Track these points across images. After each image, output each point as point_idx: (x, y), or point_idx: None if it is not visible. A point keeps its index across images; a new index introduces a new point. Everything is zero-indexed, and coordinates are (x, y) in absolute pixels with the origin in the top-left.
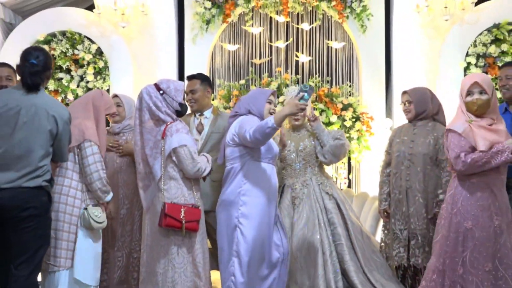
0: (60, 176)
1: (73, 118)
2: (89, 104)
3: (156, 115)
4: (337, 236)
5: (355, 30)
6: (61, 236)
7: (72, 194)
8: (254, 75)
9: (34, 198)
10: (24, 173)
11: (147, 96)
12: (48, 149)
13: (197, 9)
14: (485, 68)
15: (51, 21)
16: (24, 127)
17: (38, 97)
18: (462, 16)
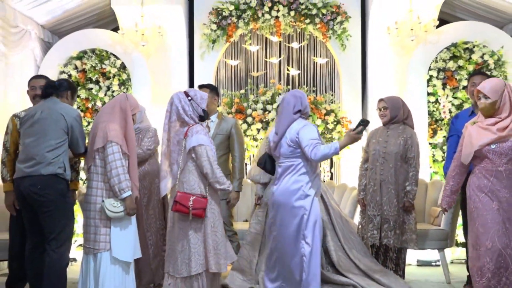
0: (93, 173)
1: (100, 122)
2: (116, 107)
3: (182, 118)
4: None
5: (336, 48)
6: (98, 224)
7: (101, 187)
8: (252, 86)
9: (50, 185)
10: (37, 162)
11: (177, 100)
12: (59, 142)
13: (204, 30)
14: (445, 80)
15: (83, 41)
16: (37, 124)
17: (52, 102)
18: (426, 37)
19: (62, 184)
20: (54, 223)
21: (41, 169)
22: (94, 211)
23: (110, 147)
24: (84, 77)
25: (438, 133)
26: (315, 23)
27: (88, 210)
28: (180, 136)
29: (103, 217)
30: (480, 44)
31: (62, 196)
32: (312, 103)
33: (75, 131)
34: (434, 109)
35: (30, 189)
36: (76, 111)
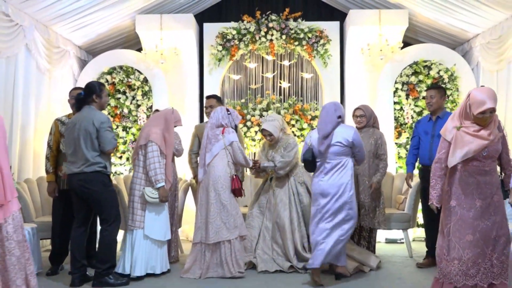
0: (136, 165)
1: (147, 126)
2: (162, 117)
3: (219, 122)
4: (305, 212)
5: (320, 65)
6: (137, 206)
7: (140, 177)
8: (251, 96)
9: (94, 179)
10: (82, 163)
11: (220, 110)
12: (93, 145)
13: (212, 51)
14: (408, 91)
15: (112, 59)
16: (77, 132)
17: (85, 111)
18: (392, 56)
19: (103, 177)
20: (102, 208)
21: (85, 168)
22: (135, 196)
23: (151, 146)
24: (114, 88)
25: (402, 134)
26: (302, 45)
27: (132, 195)
28: (217, 132)
29: (141, 201)
30: (437, 62)
31: (105, 186)
32: (300, 110)
33: (101, 133)
34: (399, 115)
35: (79, 183)
36: (103, 117)
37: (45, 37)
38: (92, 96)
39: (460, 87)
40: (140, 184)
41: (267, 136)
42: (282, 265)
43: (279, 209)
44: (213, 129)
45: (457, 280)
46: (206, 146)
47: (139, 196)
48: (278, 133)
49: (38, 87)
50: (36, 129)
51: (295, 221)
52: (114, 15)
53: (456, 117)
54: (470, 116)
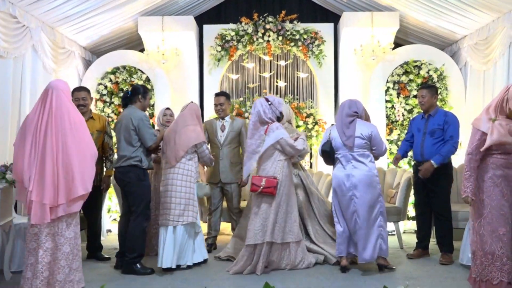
0: (184, 163)
1: (186, 124)
2: (193, 114)
3: (262, 118)
4: (299, 202)
5: (315, 65)
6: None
7: (190, 174)
8: (249, 95)
9: (130, 173)
10: (121, 157)
11: (259, 104)
12: (132, 141)
13: (211, 51)
14: (399, 90)
15: (116, 59)
16: (120, 129)
17: (128, 110)
18: (384, 56)
19: (139, 171)
20: (134, 200)
21: (122, 162)
22: (183, 192)
23: (203, 145)
24: (117, 87)
25: (393, 131)
26: (298, 45)
27: (178, 191)
28: (261, 132)
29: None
30: (426, 62)
31: (139, 180)
32: (296, 108)
33: (141, 130)
34: (391, 113)
35: (118, 176)
36: (141, 114)
37: (51, 38)
38: (138, 96)
39: (449, 86)
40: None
41: None
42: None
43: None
44: (257, 127)
45: (492, 276)
46: (249, 147)
47: (187, 191)
48: (286, 120)
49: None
50: None
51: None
52: (117, 17)
53: (491, 110)
54: (506, 110)
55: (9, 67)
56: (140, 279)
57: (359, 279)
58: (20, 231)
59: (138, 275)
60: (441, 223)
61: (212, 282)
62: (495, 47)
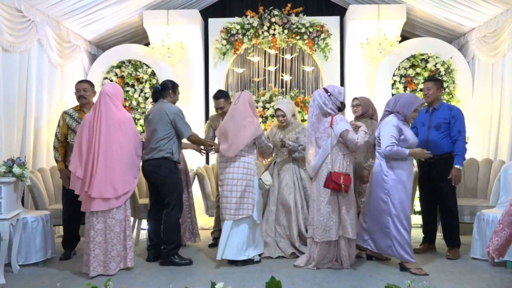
0: (242, 156)
1: (246, 116)
2: (246, 104)
3: (324, 110)
4: (307, 196)
5: (320, 59)
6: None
7: (250, 167)
8: (254, 88)
9: (161, 165)
10: (153, 149)
11: (319, 96)
12: (166, 134)
13: (217, 45)
14: (406, 84)
15: (121, 53)
16: (151, 122)
17: (160, 104)
18: (391, 50)
19: (170, 164)
20: (167, 192)
21: (154, 154)
22: (242, 186)
23: (260, 137)
24: (123, 82)
25: None
26: (304, 39)
27: (238, 184)
28: (326, 125)
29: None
30: (434, 56)
31: (171, 172)
32: (302, 102)
33: (177, 123)
34: None
35: (149, 168)
36: (176, 108)
37: (57, 32)
38: (168, 91)
39: (456, 80)
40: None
41: (279, 117)
42: (284, 250)
43: (284, 192)
44: (320, 120)
45: None
46: (316, 140)
47: (247, 185)
48: (290, 116)
49: (50, 81)
50: (48, 120)
51: (299, 203)
52: (122, 11)
53: None
54: None
55: (15, 61)
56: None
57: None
58: (27, 224)
59: (177, 265)
60: (448, 218)
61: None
62: (504, 39)
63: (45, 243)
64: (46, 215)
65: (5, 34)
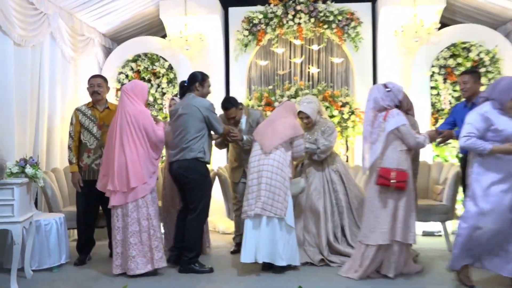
0: (278, 153)
1: (283, 116)
2: (290, 110)
3: (379, 105)
4: (338, 201)
5: (351, 49)
6: (278, 192)
7: (282, 166)
8: (279, 82)
9: (192, 167)
10: (182, 148)
11: (376, 90)
12: (198, 132)
13: (238, 36)
14: (445, 75)
15: (137, 46)
16: (180, 119)
17: (188, 98)
18: (428, 38)
19: (202, 166)
20: (194, 197)
21: (185, 154)
22: (278, 182)
23: (299, 139)
24: (139, 76)
25: (439, 121)
26: (332, 28)
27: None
28: (380, 119)
29: (278, 185)
30: (477, 44)
31: (202, 175)
32: (330, 96)
33: (210, 118)
34: (436, 100)
35: (178, 170)
36: (208, 102)
37: (70, 25)
38: (195, 84)
39: (503, 70)
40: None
41: (304, 119)
42: (312, 257)
43: (313, 197)
44: (376, 114)
45: None
46: (370, 135)
47: (277, 181)
48: (316, 116)
49: (63, 76)
50: (62, 117)
51: (328, 210)
52: (137, 1)
53: None
54: None
55: (27, 56)
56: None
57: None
58: (40, 228)
59: (198, 273)
60: None
61: None
62: None
63: (59, 247)
64: (60, 217)
65: (16, 28)
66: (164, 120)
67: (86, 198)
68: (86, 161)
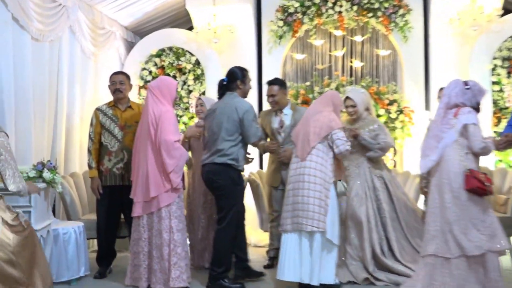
0: (317, 158)
1: (318, 111)
2: (329, 102)
3: (452, 101)
4: (382, 210)
5: (399, 40)
6: (318, 203)
7: (326, 172)
8: (317, 78)
9: (222, 172)
10: (214, 152)
11: (454, 84)
12: (233, 135)
13: (271, 27)
14: (509, 69)
15: (161, 40)
16: (217, 119)
17: (228, 97)
18: (489, 26)
19: (233, 172)
20: (223, 205)
21: (215, 158)
22: (317, 191)
23: (336, 133)
24: (163, 73)
25: (502, 121)
26: (377, 16)
27: (310, 189)
28: (449, 116)
29: (317, 195)
30: None
31: (233, 183)
32: (375, 93)
33: (245, 123)
34: (499, 97)
35: (208, 175)
36: (247, 105)
37: (90, 17)
38: (236, 82)
39: None
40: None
41: (349, 108)
42: (355, 274)
43: (354, 204)
44: (445, 110)
45: None
46: (436, 133)
47: (316, 190)
48: (362, 109)
49: (83, 72)
50: (81, 118)
51: (372, 219)
52: None
53: None
54: None
55: (45, 51)
56: None
57: None
58: (58, 237)
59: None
60: None
61: None
62: None
63: (78, 259)
64: (79, 226)
65: (34, 21)
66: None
67: (107, 205)
68: (107, 165)
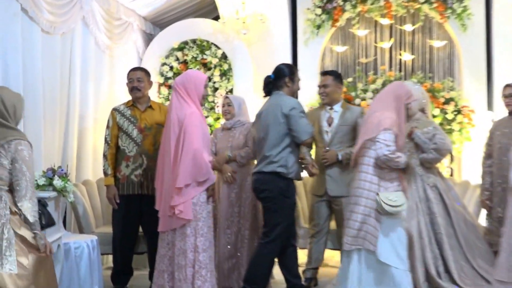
0: (364, 164)
1: (373, 112)
2: (389, 96)
3: None
4: (436, 226)
5: (456, 29)
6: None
7: (369, 180)
8: (361, 73)
9: (270, 182)
10: (262, 159)
11: None
12: (281, 138)
13: (308, 15)
14: None
15: (183, 31)
16: (263, 122)
17: (275, 97)
18: None
19: (282, 182)
20: (269, 218)
21: (263, 167)
22: (356, 204)
23: (383, 134)
24: (186, 68)
25: None
26: (431, 2)
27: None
28: None
29: (361, 211)
30: None
31: (283, 195)
32: (429, 90)
33: (291, 120)
34: None
35: (255, 184)
36: (293, 101)
37: (105, 7)
38: (284, 80)
39: None
40: (369, 191)
41: None
42: None
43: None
44: None
45: None
46: None
47: (361, 205)
48: (417, 108)
49: (97, 68)
50: (95, 119)
51: (424, 235)
52: None
53: None
54: None
55: (57, 44)
56: None
57: None
58: (69, 252)
59: None
60: None
61: None
62: None
63: (91, 277)
64: (92, 240)
65: (45, 12)
66: None
67: (123, 217)
68: (124, 171)
